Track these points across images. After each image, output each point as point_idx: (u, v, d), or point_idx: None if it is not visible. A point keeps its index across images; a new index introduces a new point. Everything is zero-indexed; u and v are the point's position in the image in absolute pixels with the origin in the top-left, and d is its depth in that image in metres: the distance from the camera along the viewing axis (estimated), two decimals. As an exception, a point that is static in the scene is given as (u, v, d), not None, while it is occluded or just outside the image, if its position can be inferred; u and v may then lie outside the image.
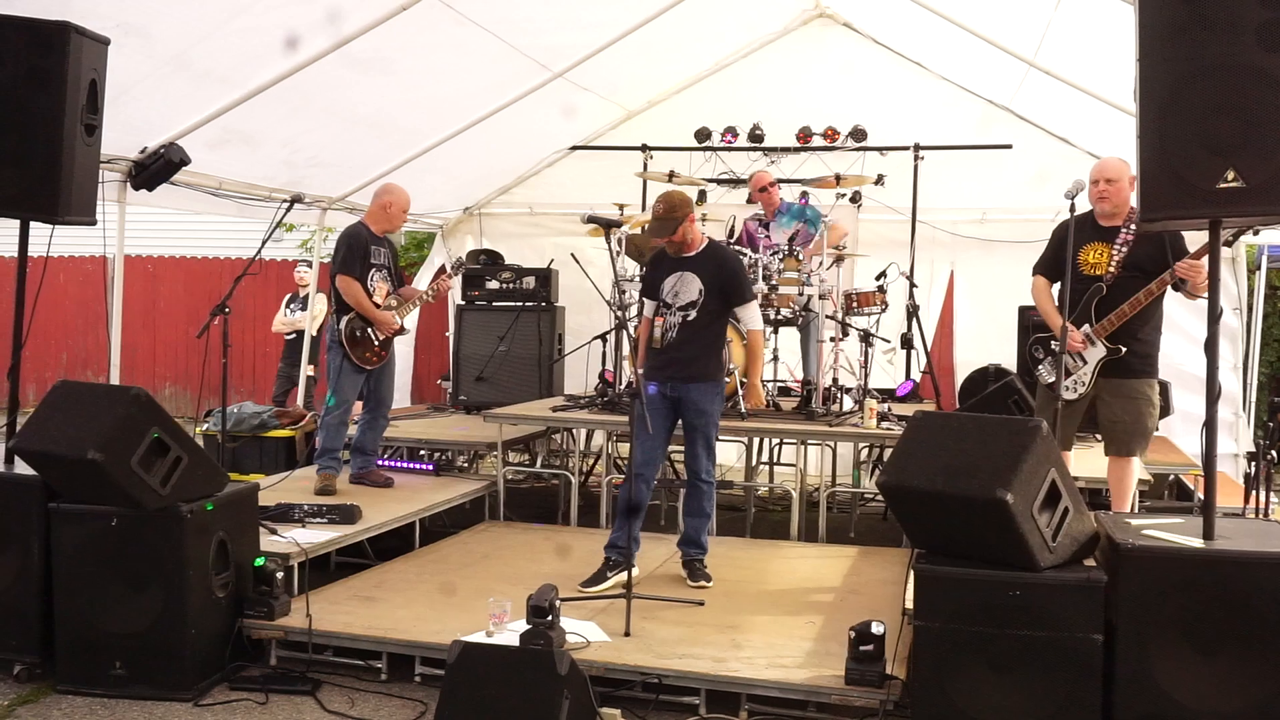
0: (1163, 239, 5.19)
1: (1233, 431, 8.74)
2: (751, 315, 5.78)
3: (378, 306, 6.66)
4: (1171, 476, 7.90)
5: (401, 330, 6.83)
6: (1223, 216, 3.71)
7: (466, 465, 8.68)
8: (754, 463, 8.34)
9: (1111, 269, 5.40)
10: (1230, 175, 3.54)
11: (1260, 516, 5.68)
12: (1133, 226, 5.37)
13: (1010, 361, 8.57)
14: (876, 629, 4.24)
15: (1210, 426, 3.95)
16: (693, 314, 5.53)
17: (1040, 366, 5.72)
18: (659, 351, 5.58)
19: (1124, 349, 5.36)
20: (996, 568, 3.79)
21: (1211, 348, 3.94)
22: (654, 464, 5.67)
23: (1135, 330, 5.40)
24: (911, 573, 4.08)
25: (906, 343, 8.67)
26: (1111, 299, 5.39)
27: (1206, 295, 5.34)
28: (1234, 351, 8.87)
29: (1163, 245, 5.22)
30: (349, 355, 6.60)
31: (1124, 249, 5.38)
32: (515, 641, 4.39)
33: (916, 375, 8.82)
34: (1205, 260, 5.11)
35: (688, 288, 5.56)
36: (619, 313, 5.48)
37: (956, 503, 3.77)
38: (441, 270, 7.12)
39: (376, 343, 6.69)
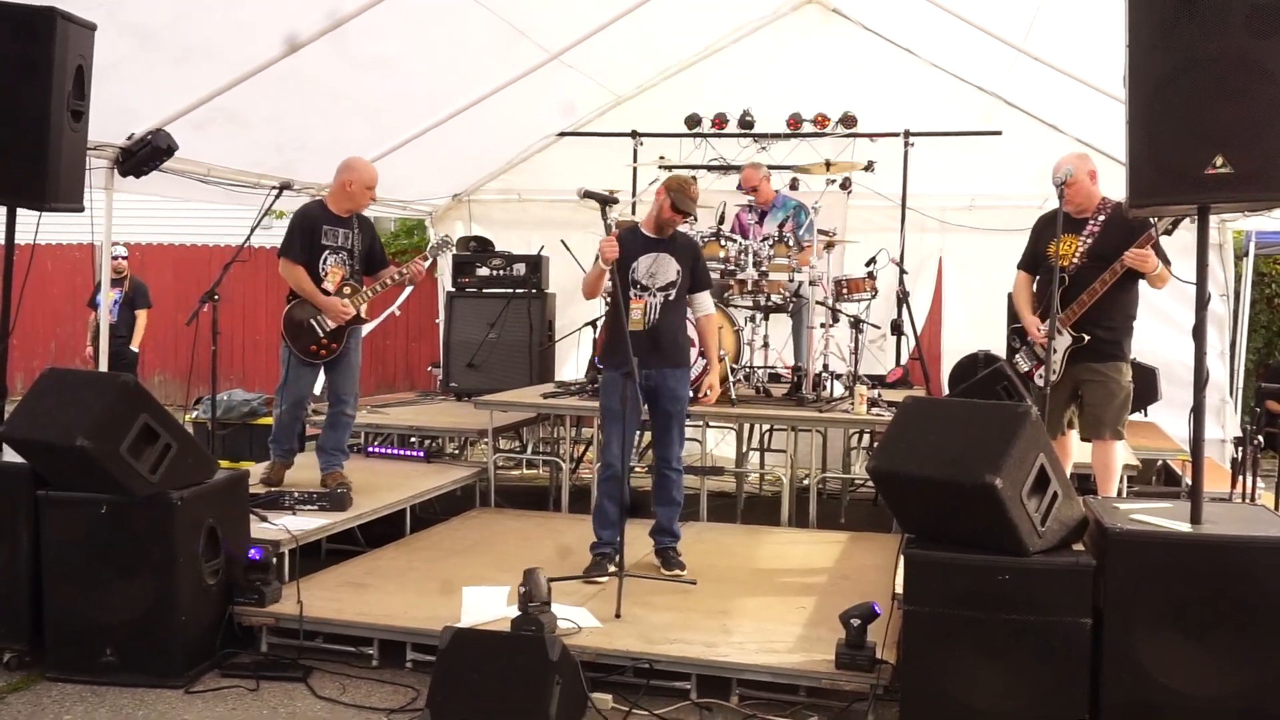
0: (1127, 230, 5.26)
1: (1220, 417, 8.79)
2: (709, 300, 5.82)
3: (327, 293, 6.16)
4: (1159, 462, 7.94)
5: (358, 320, 6.29)
6: (1211, 202, 3.73)
7: (456, 452, 8.68)
8: (744, 449, 8.36)
9: (1075, 260, 5.51)
10: (1219, 161, 3.55)
11: (1247, 501, 5.72)
12: (1101, 218, 5.47)
13: (999, 348, 8.59)
14: (867, 614, 4.26)
15: (1198, 412, 3.97)
16: (672, 294, 5.53)
17: (1017, 356, 5.83)
18: (639, 335, 5.41)
19: (1087, 337, 5.47)
20: (986, 552, 3.80)
21: (1199, 334, 3.96)
22: (629, 455, 5.65)
23: (1099, 319, 5.49)
24: (901, 558, 4.10)
25: (896, 329, 8.68)
26: (1073, 289, 5.49)
27: (1165, 286, 5.45)
28: (1221, 338, 8.91)
29: (1126, 236, 5.31)
30: (290, 346, 6.19)
31: (1089, 240, 5.49)
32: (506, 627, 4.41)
33: (906, 361, 8.83)
34: (1150, 249, 5.21)
35: (665, 269, 5.52)
36: (653, 300, 5.44)
37: (946, 488, 3.79)
38: (425, 256, 6.77)
39: (323, 333, 6.16)
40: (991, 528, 3.74)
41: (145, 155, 6.10)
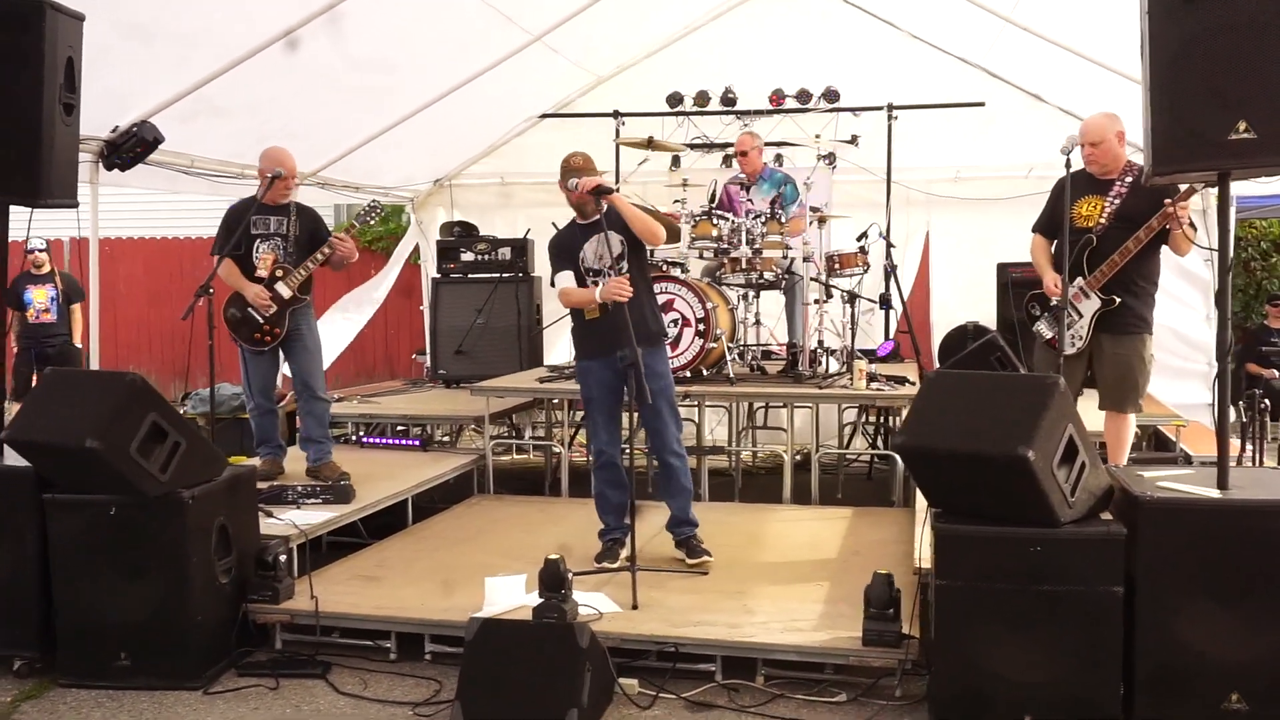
0: (1156, 192, 5.14)
1: (1207, 381, 8.84)
2: None
3: (261, 279, 6.16)
4: (1152, 428, 7.97)
5: (295, 300, 6.20)
6: (1234, 168, 3.72)
7: (446, 439, 8.62)
8: (741, 427, 8.35)
9: (1103, 220, 5.39)
10: (1242, 127, 3.54)
11: (1256, 466, 5.75)
12: (1128, 179, 5.36)
13: (988, 319, 8.63)
14: (892, 589, 4.26)
15: (1221, 379, 3.98)
16: (624, 267, 5.33)
17: (1039, 323, 5.68)
18: (602, 320, 5.26)
19: (1118, 299, 5.36)
20: (1016, 525, 3.78)
21: (1222, 299, 3.96)
22: (619, 441, 5.54)
23: (1128, 281, 5.38)
24: (926, 531, 4.09)
25: (885, 303, 8.68)
26: (1102, 250, 5.38)
27: (1186, 252, 5.40)
28: (1205, 302, 8.96)
29: (1155, 198, 5.17)
30: (237, 340, 6.24)
31: (1117, 201, 5.37)
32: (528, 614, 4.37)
33: (894, 334, 8.84)
34: (1185, 206, 5.14)
35: (610, 244, 5.29)
36: (608, 278, 5.30)
37: (977, 461, 3.76)
38: (350, 227, 6.54)
39: (262, 319, 6.15)
40: (1022, 500, 3.72)
41: (130, 148, 5.96)
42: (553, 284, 5.51)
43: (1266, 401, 5.78)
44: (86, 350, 7.26)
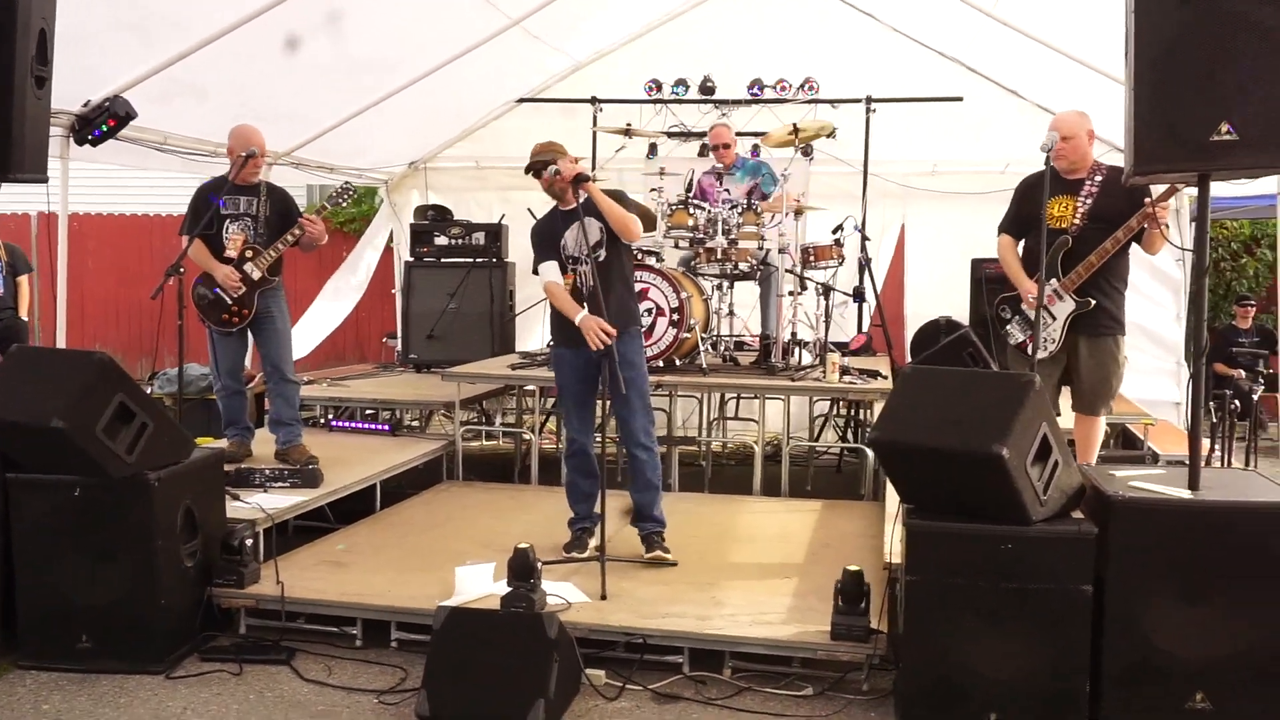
0: (1128, 191, 5.09)
1: (1175, 380, 8.91)
2: None
3: (230, 259, 6.11)
4: (1120, 427, 8.02)
5: (264, 281, 6.15)
6: (1215, 169, 3.72)
7: (415, 424, 8.56)
8: (712, 417, 8.33)
9: (1076, 221, 5.34)
10: (1224, 128, 3.53)
11: (1226, 466, 5.78)
12: (1098, 179, 5.34)
13: (961, 313, 8.64)
14: (859, 585, 4.26)
15: (1196, 380, 3.99)
16: (602, 253, 5.27)
17: (1009, 326, 5.60)
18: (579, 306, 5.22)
19: (1093, 301, 5.33)
20: (988, 522, 3.78)
21: (1198, 301, 3.95)
22: (591, 430, 5.50)
23: (1102, 283, 5.34)
24: (897, 526, 4.09)
25: (858, 295, 8.68)
26: (1077, 251, 5.32)
27: (1159, 250, 5.39)
28: (1176, 302, 9.01)
29: (1128, 197, 5.12)
30: (206, 322, 6.20)
31: (1089, 201, 5.33)
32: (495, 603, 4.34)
33: (868, 328, 8.84)
34: (1165, 207, 5.12)
35: (589, 231, 5.21)
36: (583, 267, 5.25)
37: (950, 457, 3.76)
38: (321, 209, 6.48)
39: (231, 300, 6.11)
40: (995, 497, 3.72)
41: (101, 121, 5.86)
42: (535, 272, 5.46)
43: (1236, 402, 5.81)
44: (51, 326, 7.13)
